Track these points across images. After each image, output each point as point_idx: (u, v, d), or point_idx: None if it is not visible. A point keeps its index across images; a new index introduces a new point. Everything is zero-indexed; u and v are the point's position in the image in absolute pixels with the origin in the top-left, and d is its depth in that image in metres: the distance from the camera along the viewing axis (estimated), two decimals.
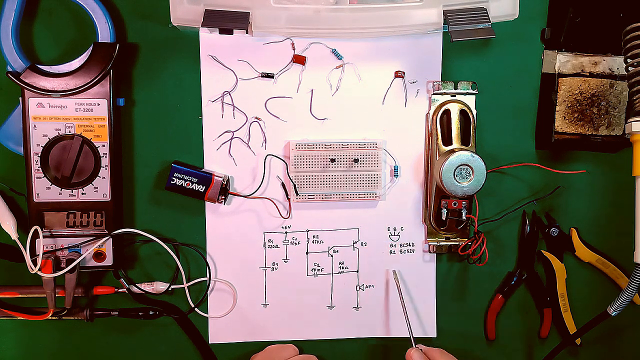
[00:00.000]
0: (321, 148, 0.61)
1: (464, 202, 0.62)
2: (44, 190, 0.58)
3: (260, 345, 0.63)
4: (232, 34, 0.55)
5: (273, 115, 0.62)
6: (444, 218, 0.62)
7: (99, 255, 0.59)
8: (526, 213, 0.65)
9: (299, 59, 0.61)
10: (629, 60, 0.57)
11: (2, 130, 0.58)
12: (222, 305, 0.64)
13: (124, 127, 0.61)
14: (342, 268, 0.64)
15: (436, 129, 0.62)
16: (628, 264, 0.64)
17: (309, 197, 0.62)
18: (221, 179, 0.60)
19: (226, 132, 0.61)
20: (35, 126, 0.57)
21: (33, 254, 0.58)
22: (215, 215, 0.62)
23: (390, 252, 0.64)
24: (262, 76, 0.61)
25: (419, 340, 0.64)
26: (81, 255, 0.59)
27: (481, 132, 0.63)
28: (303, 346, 0.65)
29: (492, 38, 0.57)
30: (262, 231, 0.63)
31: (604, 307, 0.59)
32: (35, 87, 0.56)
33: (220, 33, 0.56)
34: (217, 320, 0.64)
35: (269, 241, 0.63)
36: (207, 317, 0.64)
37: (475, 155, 0.59)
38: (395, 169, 0.63)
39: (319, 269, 0.64)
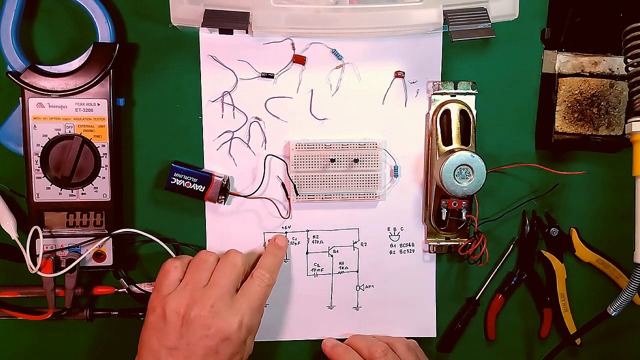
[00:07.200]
0: (321, 148, 0.61)
1: (464, 202, 0.62)
2: (44, 190, 0.58)
3: (260, 346, 0.63)
4: (232, 34, 0.55)
5: (273, 115, 0.62)
6: (444, 218, 0.62)
7: (99, 255, 0.59)
8: (526, 213, 0.65)
9: (299, 59, 0.61)
10: (629, 60, 0.57)
11: (2, 130, 0.58)
12: None
13: (124, 127, 0.61)
14: (342, 268, 0.64)
15: (436, 129, 0.62)
16: (628, 264, 0.64)
17: (309, 197, 0.62)
18: (221, 179, 0.60)
19: (226, 132, 0.61)
20: (35, 126, 0.57)
21: (33, 254, 0.58)
22: (215, 215, 0.62)
23: (390, 252, 0.64)
24: (262, 76, 0.61)
25: (418, 340, 0.64)
26: (81, 255, 0.59)
27: (481, 132, 0.63)
28: (303, 346, 0.65)
29: (492, 38, 0.57)
30: (262, 231, 0.63)
31: (604, 307, 0.59)
32: (35, 87, 0.56)
33: (220, 33, 0.56)
34: None
35: (269, 241, 0.63)
36: None
37: (475, 155, 0.59)
38: (395, 169, 0.63)
39: (319, 269, 0.64)
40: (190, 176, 0.60)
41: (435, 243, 0.64)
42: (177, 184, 0.60)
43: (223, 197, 0.61)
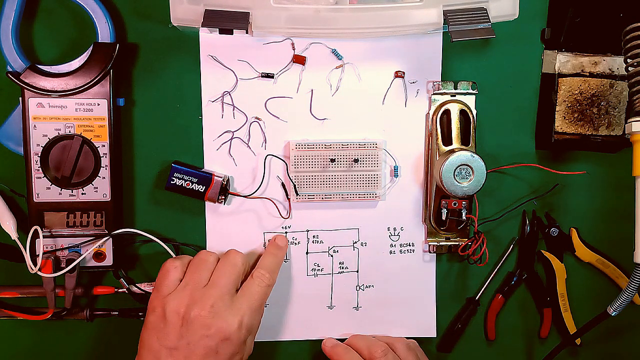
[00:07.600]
0: (321, 148, 0.61)
1: (464, 202, 0.62)
2: (44, 190, 0.58)
3: (260, 346, 0.63)
4: (232, 34, 0.55)
5: (273, 115, 0.62)
6: (444, 218, 0.62)
7: (99, 255, 0.59)
8: (526, 213, 0.65)
9: (299, 59, 0.61)
10: (629, 60, 0.57)
11: (2, 130, 0.58)
12: None
13: (124, 127, 0.61)
14: (342, 268, 0.64)
15: (436, 129, 0.62)
16: (628, 264, 0.64)
17: (309, 197, 0.62)
18: (221, 179, 0.60)
19: (226, 132, 0.61)
20: (35, 126, 0.57)
21: (33, 254, 0.58)
22: (215, 215, 0.62)
23: (390, 252, 0.64)
24: (262, 76, 0.61)
25: (418, 340, 0.64)
26: (81, 255, 0.59)
27: (481, 132, 0.63)
28: (303, 346, 0.65)
29: (492, 38, 0.57)
30: (262, 231, 0.63)
31: (604, 307, 0.59)
32: (35, 87, 0.56)
33: (220, 33, 0.56)
34: None
35: (269, 241, 0.63)
36: None
37: (475, 155, 0.59)
38: (395, 169, 0.63)
39: (319, 269, 0.64)
40: (190, 176, 0.60)
41: (435, 243, 0.64)
42: (177, 184, 0.60)
43: (223, 197, 0.61)
